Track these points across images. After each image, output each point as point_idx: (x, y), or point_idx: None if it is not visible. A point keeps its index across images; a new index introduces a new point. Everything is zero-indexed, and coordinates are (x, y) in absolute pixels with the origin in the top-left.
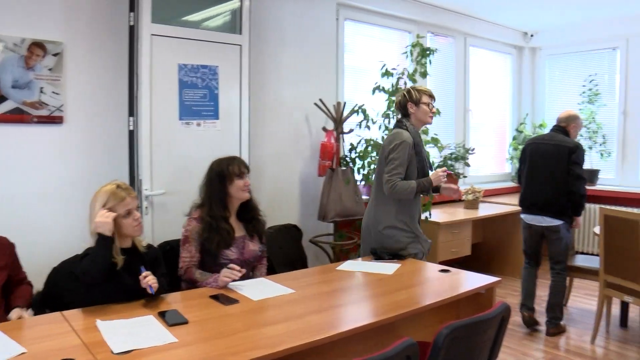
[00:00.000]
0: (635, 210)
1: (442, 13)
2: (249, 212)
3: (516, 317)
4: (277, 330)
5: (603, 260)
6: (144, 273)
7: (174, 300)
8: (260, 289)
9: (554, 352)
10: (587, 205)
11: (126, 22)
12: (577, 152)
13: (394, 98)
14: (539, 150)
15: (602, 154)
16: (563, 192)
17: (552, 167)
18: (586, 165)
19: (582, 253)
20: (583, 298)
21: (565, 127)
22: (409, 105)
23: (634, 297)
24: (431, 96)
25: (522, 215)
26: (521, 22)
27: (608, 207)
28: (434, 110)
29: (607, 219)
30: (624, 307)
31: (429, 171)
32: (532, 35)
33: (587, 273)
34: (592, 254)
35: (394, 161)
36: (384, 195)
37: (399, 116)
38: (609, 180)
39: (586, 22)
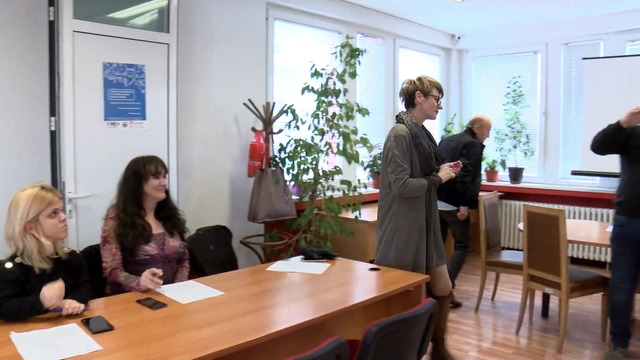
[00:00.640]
0: (556, 206)
1: (372, 14)
2: (167, 210)
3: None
4: (206, 333)
5: (526, 254)
6: (64, 307)
7: (98, 307)
8: (189, 291)
9: (482, 345)
10: (512, 202)
11: (45, 16)
12: (467, 148)
13: (323, 98)
14: (446, 146)
15: (525, 153)
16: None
17: (449, 159)
18: (511, 164)
19: (508, 248)
20: (509, 291)
21: (471, 128)
22: (417, 94)
23: (554, 289)
24: (441, 90)
25: None
26: (449, 25)
27: (531, 204)
28: (441, 105)
29: (529, 215)
30: (546, 298)
31: (438, 163)
32: (459, 38)
33: (512, 267)
34: (518, 249)
35: (396, 158)
36: (390, 201)
37: (403, 106)
38: (532, 178)
39: (510, 26)
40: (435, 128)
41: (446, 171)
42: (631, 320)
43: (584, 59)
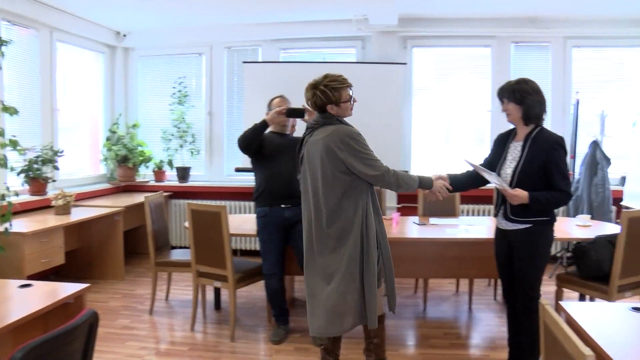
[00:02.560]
0: (222, 203)
1: (22, 1)
2: None
3: (121, 320)
4: None
5: (194, 252)
6: None
7: None
8: None
9: (159, 347)
10: (181, 202)
11: None
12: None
13: None
14: None
15: (192, 152)
16: None
17: None
18: (178, 164)
19: (180, 247)
20: (182, 289)
21: None
22: (328, 107)
23: (222, 282)
24: (350, 86)
25: None
26: (113, 21)
27: (198, 202)
28: (356, 99)
29: (194, 213)
30: (217, 291)
31: None
32: (124, 36)
33: (182, 266)
34: (188, 247)
35: (367, 153)
36: (353, 214)
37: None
38: (199, 176)
39: (176, 28)
40: (100, 127)
41: (441, 185)
42: (291, 299)
43: (244, 62)
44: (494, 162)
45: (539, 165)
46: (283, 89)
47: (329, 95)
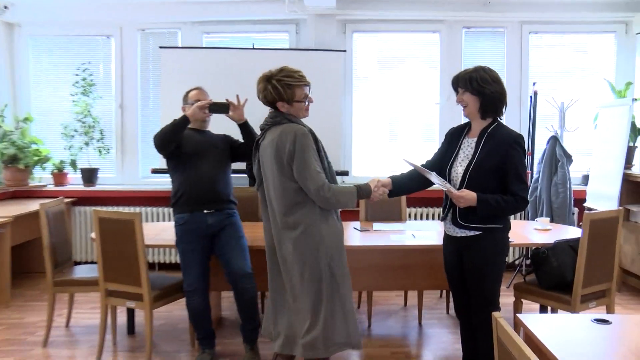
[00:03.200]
0: (135, 209)
1: None
2: None
3: (3, 358)
4: None
5: (102, 267)
6: None
7: None
8: None
9: None
10: (87, 209)
11: None
12: None
13: None
14: None
15: (100, 151)
16: None
17: None
18: (84, 164)
19: (86, 262)
20: (88, 313)
21: None
22: (279, 104)
23: (137, 301)
24: (307, 84)
25: None
26: None
27: (108, 208)
28: (312, 100)
29: (101, 222)
30: (131, 313)
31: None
32: (6, 7)
33: (87, 285)
34: (94, 262)
35: (310, 160)
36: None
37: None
38: (110, 179)
39: (77, 2)
40: None
41: (378, 193)
42: (218, 319)
43: (161, 47)
44: (443, 159)
45: (494, 165)
46: (206, 79)
47: (280, 91)
